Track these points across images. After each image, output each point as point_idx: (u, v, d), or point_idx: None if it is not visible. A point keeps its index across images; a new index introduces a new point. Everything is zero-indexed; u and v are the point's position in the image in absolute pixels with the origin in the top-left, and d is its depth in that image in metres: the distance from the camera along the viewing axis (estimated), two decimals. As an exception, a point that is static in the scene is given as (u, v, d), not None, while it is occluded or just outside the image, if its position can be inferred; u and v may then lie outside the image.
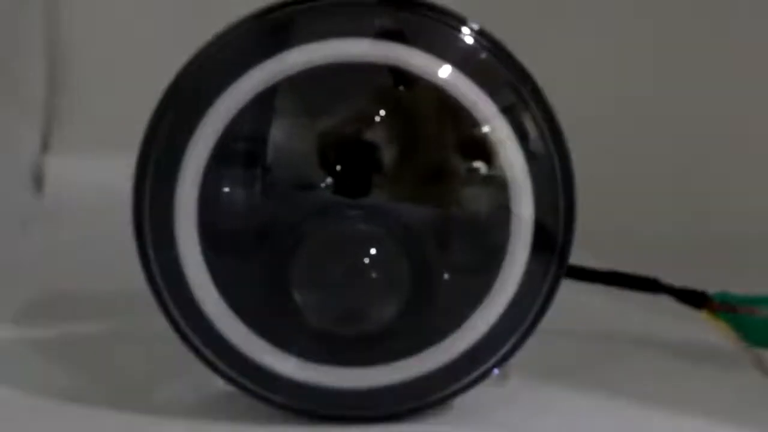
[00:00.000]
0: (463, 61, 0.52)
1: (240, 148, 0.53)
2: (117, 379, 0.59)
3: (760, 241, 0.84)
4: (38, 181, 0.91)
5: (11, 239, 0.80)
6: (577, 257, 0.54)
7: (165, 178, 0.52)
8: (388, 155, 0.53)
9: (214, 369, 0.53)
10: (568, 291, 0.54)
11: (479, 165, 0.53)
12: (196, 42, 0.52)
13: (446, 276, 0.53)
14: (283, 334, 0.53)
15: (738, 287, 0.62)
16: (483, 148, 0.52)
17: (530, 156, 0.52)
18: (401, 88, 0.53)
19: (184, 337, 0.53)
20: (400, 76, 0.52)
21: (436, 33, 0.53)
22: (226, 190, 0.53)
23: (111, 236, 0.55)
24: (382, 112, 0.53)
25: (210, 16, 0.53)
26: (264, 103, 0.52)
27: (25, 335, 0.65)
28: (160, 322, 0.53)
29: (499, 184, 0.53)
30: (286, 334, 0.53)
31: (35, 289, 0.73)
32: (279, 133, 0.53)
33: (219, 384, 0.54)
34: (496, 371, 0.54)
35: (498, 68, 0.53)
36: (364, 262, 0.53)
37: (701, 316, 0.61)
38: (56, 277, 0.75)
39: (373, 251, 0.53)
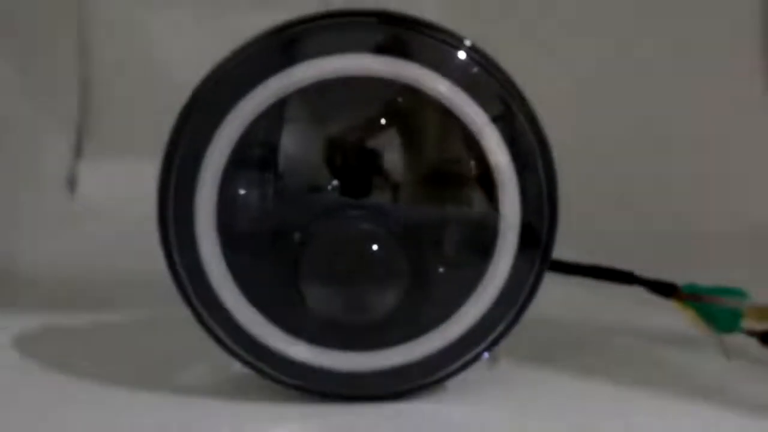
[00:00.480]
0: (457, 74, 0.52)
1: (254, 155, 0.53)
2: (143, 363, 0.59)
3: (723, 238, 0.84)
4: (71, 184, 0.90)
5: (46, 235, 0.80)
6: (560, 252, 0.54)
7: (186, 182, 0.52)
8: (388, 160, 0.53)
9: (232, 354, 0.53)
10: (552, 283, 0.54)
11: (471, 169, 0.53)
12: (215, 57, 0.52)
13: (441, 270, 0.53)
14: (293, 322, 0.53)
15: (704, 279, 0.61)
16: (474, 154, 0.52)
17: (517, 161, 0.52)
18: (400, 99, 0.53)
19: (204, 326, 0.53)
20: (399, 88, 0.52)
21: (432, 49, 0.52)
22: (242, 192, 0.52)
23: (137, 234, 0.54)
24: (383, 121, 0.53)
25: (228, 33, 0.52)
26: (276, 113, 0.52)
27: (58, 323, 0.65)
28: (182, 312, 0.53)
29: (489, 187, 0.52)
30: (297, 323, 0.53)
31: (68, 281, 0.73)
32: (289, 141, 0.53)
33: (236, 367, 0.54)
34: (486, 355, 0.54)
35: (489, 81, 0.52)
36: (366, 258, 0.52)
37: (671, 305, 0.61)
38: (86, 271, 0.75)
39: (374, 248, 0.52)
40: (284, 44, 0.52)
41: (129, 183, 0.57)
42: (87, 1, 0.94)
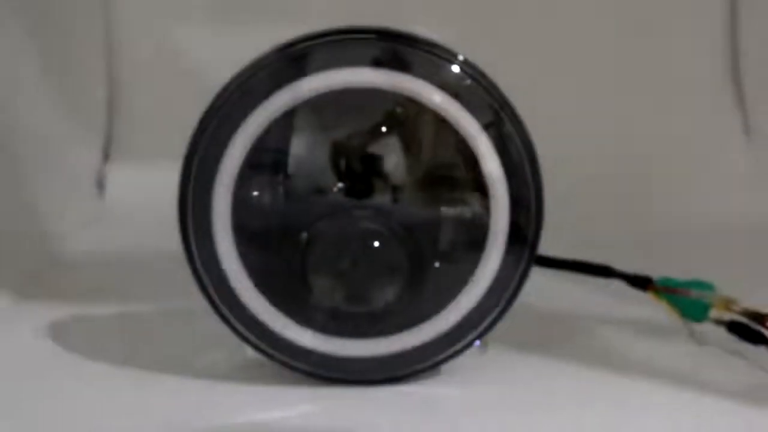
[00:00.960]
0: (451, 86, 0.52)
1: (266, 159, 0.52)
2: (164, 349, 0.58)
3: (693, 237, 0.83)
4: (100, 186, 0.90)
5: (78, 232, 0.80)
6: (545, 249, 0.54)
7: (204, 183, 0.52)
8: (388, 164, 0.53)
9: (245, 341, 0.53)
10: (538, 276, 0.54)
11: (464, 173, 0.53)
12: (233, 68, 0.52)
13: (437, 264, 0.53)
14: (301, 312, 0.53)
15: (676, 273, 0.61)
16: (467, 159, 0.52)
17: (506, 165, 0.52)
18: (399, 109, 0.53)
19: (220, 315, 0.53)
20: (399, 98, 0.52)
21: (428, 63, 0.52)
22: (255, 194, 0.52)
23: (160, 231, 0.54)
24: (383, 129, 0.53)
25: (246, 45, 0.52)
26: (286, 121, 0.52)
27: (89, 312, 0.65)
28: (200, 303, 0.52)
29: (480, 189, 0.52)
30: (304, 312, 0.53)
31: (97, 274, 0.73)
32: (298, 147, 0.53)
33: (249, 353, 0.53)
34: (477, 342, 0.54)
35: (480, 93, 0.52)
36: (368, 254, 0.52)
37: (647, 297, 0.61)
38: (114, 264, 0.75)
39: (376, 244, 0.52)
40: (293, 59, 0.52)
41: (152, 185, 0.57)
42: (114, 18, 0.94)
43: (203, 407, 0.51)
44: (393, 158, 0.53)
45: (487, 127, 0.52)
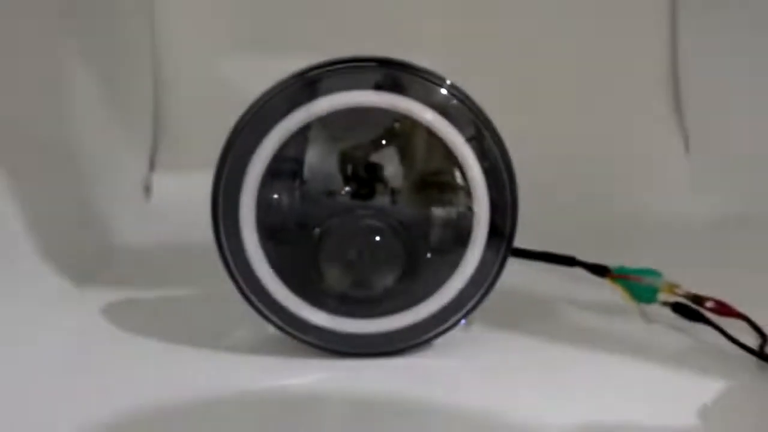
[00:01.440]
0: (440, 106, 0.52)
1: (285, 167, 0.53)
2: (197, 327, 0.58)
3: (644, 229, 0.83)
4: (147, 190, 0.90)
5: (128, 231, 0.80)
6: (519, 242, 0.54)
7: (233, 188, 0.52)
8: (388, 171, 0.54)
9: (267, 320, 0.53)
10: (513, 265, 0.54)
11: (451, 179, 0.53)
12: (260, 88, 0.52)
13: (428, 256, 0.54)
14: (315, 295, 0.53)
15: (630, 262, 0.61)
16: (454, 167, 0.53)
17: (487, 172, 0.52)
18: (397, 124, 0.53)
19: (245, 298, 0.53)
20: (396, 116, 0.52)
21: (421, 86, 0.52)
22: (275, 196, 0.53)
23: (197, 229, 0.54)
24: (384, 141, 0.54)
25: (271, 73, 0.52)
26: (301, 135, 0.52)
27: (136, 297, 0.65)
28: (229, 288, 0.53)
29: (465, 192, 0.53)
30: (317, 296, 0.53)
31: (144, 266, 0.73)
32: (312, 156, 0.53)
33: (270, 330, 0.54)
34: (464, 321, 0.54)
35: (464, 110, 0.52)
36: (371, 246, 0.53)
37: (605, 283, 0.61)
38: (158, 257, 0.75)
39: (377, 238, 0.53)
40: (307, 83, 0.52)
41: (190, 189, 0.57)
42: (161, 44, 0.94)
43: (231, 375, 0.52)
44: (392, 166, 0.53)
45: (470, 140, 0.52)
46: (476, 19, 0.93)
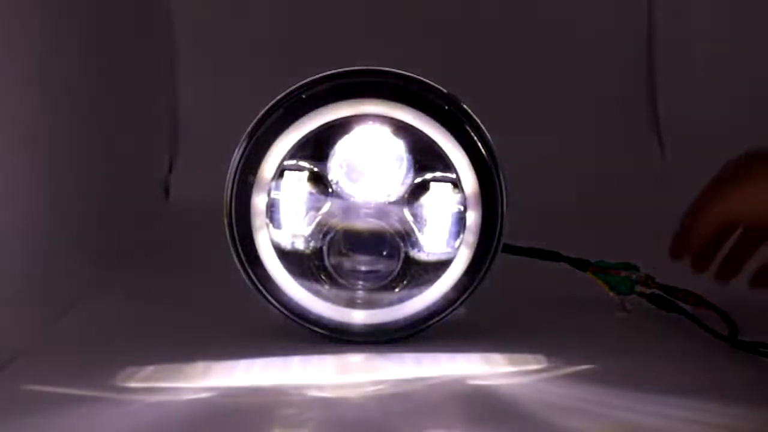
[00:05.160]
0: (438, 114, 0.52)
1: (293, 171, 0.53)
2: (211, 313, 0.59)
3: (621, 228, 0.83)
4: (166, 191, 0.92)
5: (148, 228, 0.82)
6: (508, 239, 0.55)
7: (245, 190, 0.53)
8: (390, 174, 0.53)
9: (276, 309, 0.54)
10: (503, 260, 0.55)
11: (447, 181, 0.53)
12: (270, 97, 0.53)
13: (425, 251, 0.54)
14: (320, 287, 0.54)
15: (609, 257, 0.61)
16: (450, 170, 0.53)
17: (480, 175, 0.53)
18: (397, 131, 0.53)
19: (255, 288, 0.54)
20: (397, 124, 0.52)
21: (423, 98, 0.52)
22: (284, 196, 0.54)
23: (211, 227, 0.55)
24: (385, 147, 0.54)
25: (281, 84, 0.53)
26: (308, 142, 0.53)
27: (156, 283, 0.66)
28: (240, 279, 0.54)
29: (459, 193, 0.53)
30: (322, 287, 0.54)
31: (162, 258, 0.74)
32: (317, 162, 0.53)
33: (279, 319, 0.54)
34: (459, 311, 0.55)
35: (460, 120, 0.53)
36: (373, 242, 0.54)
37: (586, 275, 0.60)
38: (175, 251, 0.76)
39: (379, 236, 0.54)
40: (315, 93, 0.52)
41: (205, 190, 0.57)
42: (179, 64, 0.96)
43: (248, 359, 0.52)
44: (393, 169, 0.54)
45: (465, 147, 0.52)
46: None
